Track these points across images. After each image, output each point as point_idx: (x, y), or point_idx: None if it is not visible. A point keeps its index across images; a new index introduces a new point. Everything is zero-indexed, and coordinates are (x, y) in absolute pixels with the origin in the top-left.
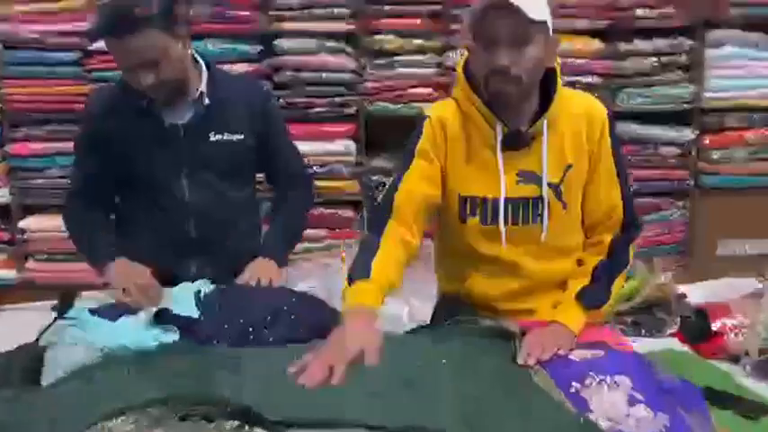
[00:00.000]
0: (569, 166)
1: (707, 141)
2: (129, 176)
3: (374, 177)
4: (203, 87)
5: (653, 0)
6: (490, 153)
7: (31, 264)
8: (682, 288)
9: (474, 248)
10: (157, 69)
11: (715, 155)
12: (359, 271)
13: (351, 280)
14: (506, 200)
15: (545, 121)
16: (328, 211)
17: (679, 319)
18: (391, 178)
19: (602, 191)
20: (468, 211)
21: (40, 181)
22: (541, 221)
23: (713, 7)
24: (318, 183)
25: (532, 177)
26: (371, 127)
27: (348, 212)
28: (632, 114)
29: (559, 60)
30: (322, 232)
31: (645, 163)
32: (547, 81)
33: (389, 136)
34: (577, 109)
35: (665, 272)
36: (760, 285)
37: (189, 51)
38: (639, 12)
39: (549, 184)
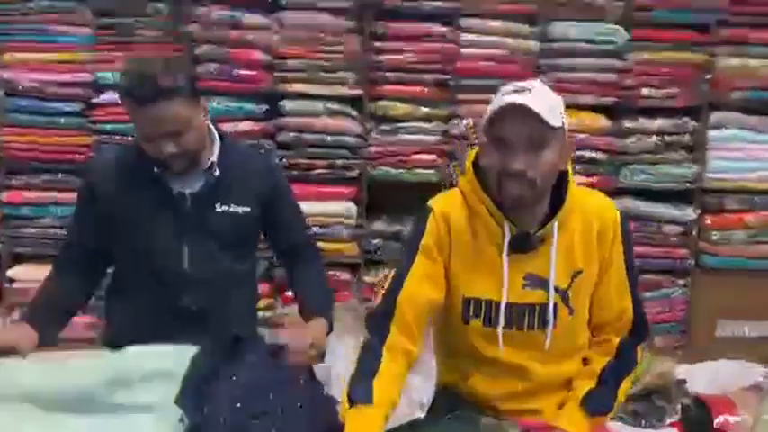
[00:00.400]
0: (579, 272)
1: (708, 222)
2: (129, 239)
3: (374, 241)
4: (215, 158)
5: (658, 80)
6: (496, 253)
7: (17, 314)
8: (681, 370)
9: (476, 349)
10: (180, 139)
11: (715, 235)
12: (361, 393)
13: (352, 401)
14: (511, 305)
15: (555, 224)
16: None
17: (679, 407)
18: (393, 272)
19: (613, 295)
20: (471, 313)
21: (32, 230)
22: (547, 328)
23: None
24: (319, 243)
25: (539, 282)
26: (373, 190)
27: (345, 275)
28: (635, 191)
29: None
30: None
31: (647, 240)
32: (558, 182)
33: (390, 200)
34: (589, 209)
35: (666, 356)
36: (760, 378)
37: (207, 121)
38: (645, 91)
39: (557, 289)
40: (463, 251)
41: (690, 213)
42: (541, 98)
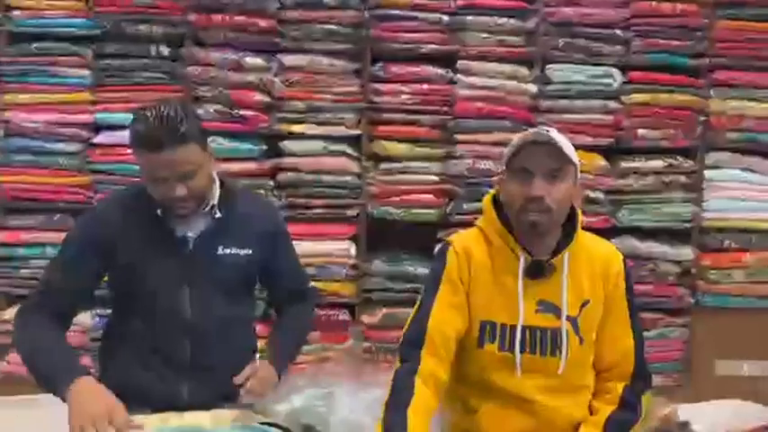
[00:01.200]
0: (587, 302)
1: (706, 261)
2: (130, 284)
3: (372, 280)
4: (215, 200)
5: (654, 122)
6: (512, 280)
7: (12, 356)
8: (683, 411)
9: (487, 377)
10: (190, 182)
11: (713, 274)
12: (396, 423)
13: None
14: (525, 327)
15: (566, 254)
16: (323, 312)
17: None
18: (418, 303)
19: (616, 335)
20: (486, 336)
21: (26, 271)
22: (560, 353)
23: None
24: (315, 283)
25: (551, 308)
26: (372, 229)
27: (343, 315)
28: (633, 230)
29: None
30: (315, 334)
31: (645, 279)
32: (568, 218)
33: (389, 239)
34: (596, 252)
35: (665, 395)
36: (765, 422)
37: (213, 166)
38: (641, 132)
39: (568, 317)
40: (482, 281)
41: (688, 252)
42: (560, 136)
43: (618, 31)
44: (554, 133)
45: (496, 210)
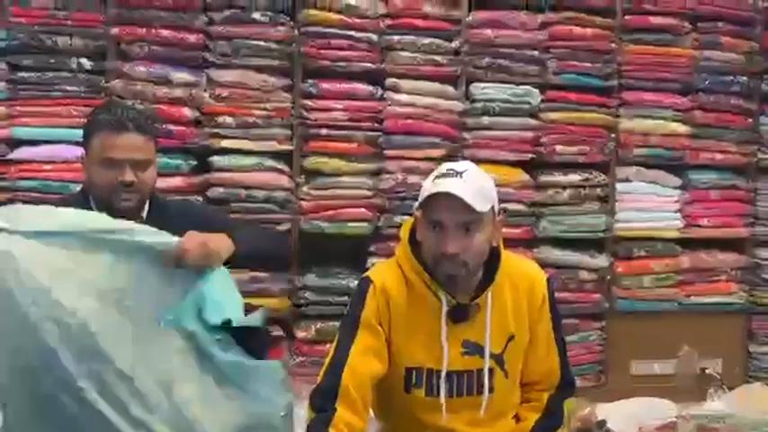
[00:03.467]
0: (512, 337)
1: (619, 268)
2: None
3: (305, 295)
4: (144, 213)
5: (570, 138)
6: (435, 323)
7: None
8: (601, 410)
9: (417, 417)
10: (141, 173)
11: (626, 281)
12: None
13: None
14: (451, 373)
15: (489, 294)
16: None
17: None
18: (334, 347)
19: (542, 354)
20: (413, 382)
21: None
22: (483, 392)
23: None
24: (248, 300)
25: (476, 349)
26: (304, 244)
27: (276, 330)
28: (553, 240)
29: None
30: None
31: (564, 286)
32: (490, 253)
33: (321, 254)
34: (520, 276)
35: (585, 396)
36: (674, 416)
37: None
38: (559, 148)
39: (492, 355)
40: (403, 322)
41: (603, 261)
42: (471, 183)
43: (536, 53)
44: (466, 179)
45: (415, 245)
